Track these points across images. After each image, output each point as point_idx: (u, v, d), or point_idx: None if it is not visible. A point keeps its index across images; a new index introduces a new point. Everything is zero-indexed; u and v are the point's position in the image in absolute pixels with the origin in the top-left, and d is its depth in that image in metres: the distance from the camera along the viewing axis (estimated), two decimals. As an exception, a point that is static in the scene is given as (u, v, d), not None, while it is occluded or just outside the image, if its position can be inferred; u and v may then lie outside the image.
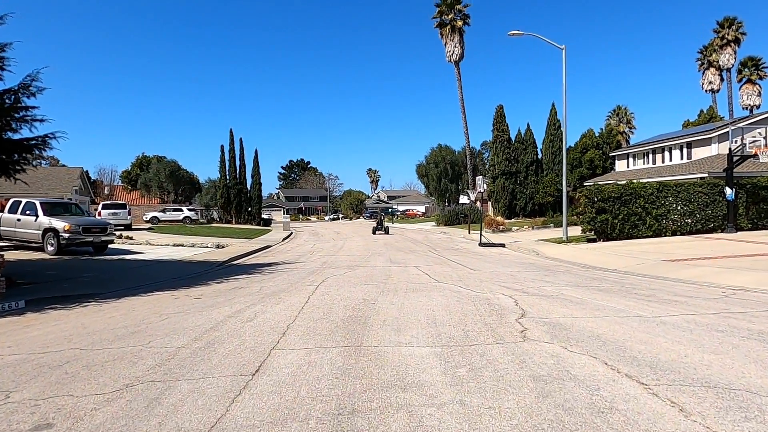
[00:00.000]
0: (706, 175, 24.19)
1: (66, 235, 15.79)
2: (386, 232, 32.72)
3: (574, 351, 4.96)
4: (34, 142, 11.53)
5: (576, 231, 22.59)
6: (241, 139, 52.01)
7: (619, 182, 19.83)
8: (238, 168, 51.72)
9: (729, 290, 8.79)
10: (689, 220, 19.61)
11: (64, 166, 54.01)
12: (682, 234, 19.47)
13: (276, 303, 8.16)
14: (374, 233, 32.16)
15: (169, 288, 10.52)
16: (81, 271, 12.98)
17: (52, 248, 16.00)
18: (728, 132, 30.64)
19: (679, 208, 19.44)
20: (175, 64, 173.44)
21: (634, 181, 19.81)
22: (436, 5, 44.82)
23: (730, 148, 19.21)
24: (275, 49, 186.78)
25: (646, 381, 4.04)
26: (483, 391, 3.88)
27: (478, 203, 49.82)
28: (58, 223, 15.96)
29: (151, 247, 21.02)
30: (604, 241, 18.99)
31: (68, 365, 4.89)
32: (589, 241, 19.54)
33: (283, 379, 4.28)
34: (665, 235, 19.28)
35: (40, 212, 16.41)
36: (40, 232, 16.18)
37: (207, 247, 21.34)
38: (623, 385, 3.95)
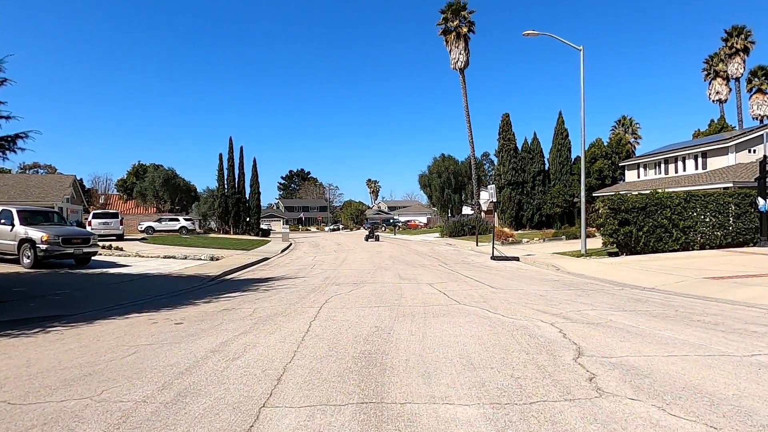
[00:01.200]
0: (730, 185, 22.86)
1: (43, 247, 14.41)
2: (377, 239, 39.66)
3: (679, 415, 3.59)
4: (1, 141, 10.23)
5: (592, 243, 21.27)
6: (241, 148, 50.81)
7: (642, 192, 18.53)
8: (237, 177, 50.50)
9: (808, 317, 7.43)
10: (719, 233, 18.26)
11: (61, 174, 52.83)
12: (711, 248, 18.11)
13: (271, 331, 6.78)
14: (366, 240, 38.86)
15: (150, 309, 9.14)
16: (55, 288, 11.59)
17: (28, 260, 14.62)
18: (747, 140, 29.52)
19: (707, 219, 18.10)
20: (174, 72, 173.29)
21: (659, 190, 18.49)
22: (441, 12, 43.97)
23: (765, 155, 17.90)
24: (276, 57, 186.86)
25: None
26: (585, 500, 2.51)
27: (483, 214, 48.52)
28: (35, 234, 14.59)
29: (140, 259, 19.64)
30: (627, 254, 17.62)
31: (-22, 433, 3.52)
32: (611, 254, 18.19)
33: (276, 468, 2.91)
34: (693, 249, 17.92)
35: (16, 221, 15.05)
36: (16, 243, 14.81)
37: (200, 259, 19.96)
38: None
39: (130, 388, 4.46)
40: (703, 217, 18.06)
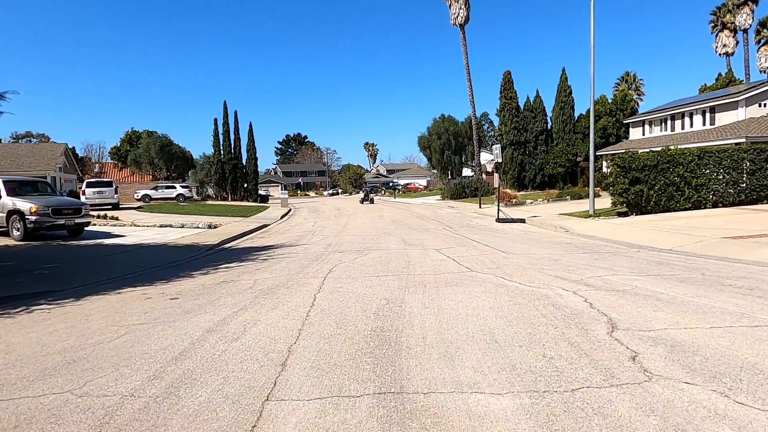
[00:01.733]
0: (743, 140, 22.13)
1: (33, 218, 13.84)
2: (372, 202, 41.26)
3: (747, 403, 3.11)
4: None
5: (599, 203, 20.73)
6: (236, 112, 49.40)
7: (653, 149, 17.85)
8: (232, 142, 49.41)
9: None
10: (731, 191, 17.70)
11: (53, 142, 51.63)
12: (724, 205, 17.57)
13: (273, 307, 6.30)
14: (362, 203, 40.68)
15: (144, 282, 8.65)
16: (45, 261, 11.09)
17: (18, 233, 14.08)
18: (758, 94, 28.58)
19: (720, 177, 17.49)
20: (165, 34, 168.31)
21: (671, 147, 17.79)
22: (439, -37, 41.82)
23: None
24: (270, 20, 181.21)
25: None
26: None
27: (484, 175, 47.75)
28: (24, 205, 13.99)
29: (135, 228, 19.12)
30: (637, 214, 17.12)
31: (-63, 440, 3.04)
32: (620, 214, 17.68)
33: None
34: (705, 207, 17.40)
35: (3, 192, 14.41)
36: (4, 215, 14.24)
37: (198, 227, 19.45)
38: None
39: (117, 378, 3.98)
40: (716, 174, 17.45)
